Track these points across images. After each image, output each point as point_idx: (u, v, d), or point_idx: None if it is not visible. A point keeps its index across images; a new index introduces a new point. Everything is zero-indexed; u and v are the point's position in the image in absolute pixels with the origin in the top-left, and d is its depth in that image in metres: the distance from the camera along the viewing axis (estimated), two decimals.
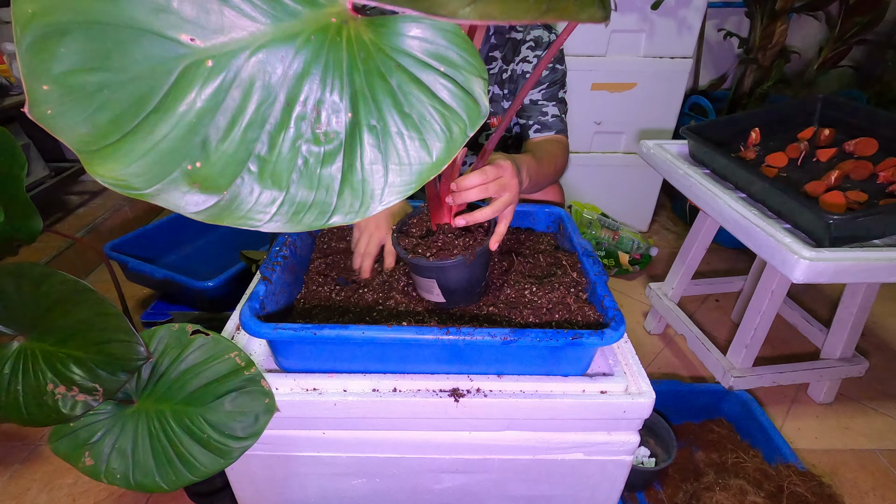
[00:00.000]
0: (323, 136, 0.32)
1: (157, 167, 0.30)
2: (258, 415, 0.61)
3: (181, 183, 0.30)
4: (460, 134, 0.34)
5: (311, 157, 0.32)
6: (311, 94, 0.32)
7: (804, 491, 0.92)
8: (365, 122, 0.33)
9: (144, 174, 0.29)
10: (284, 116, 0.32)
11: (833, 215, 0.82)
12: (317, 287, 0.74)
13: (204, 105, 0.30)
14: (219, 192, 0.31)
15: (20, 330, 0.65)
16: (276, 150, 0.32)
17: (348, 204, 0.33)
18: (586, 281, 0.72)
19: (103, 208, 1.96)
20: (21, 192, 0.79)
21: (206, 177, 0.30)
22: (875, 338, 1.52)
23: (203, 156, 0.30)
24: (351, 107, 0.33)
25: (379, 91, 0.33)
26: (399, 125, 0.33)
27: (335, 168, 0.33)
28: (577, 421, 0.65)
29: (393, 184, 0.33)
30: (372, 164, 0.33)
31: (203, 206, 0.31)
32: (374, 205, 0.33)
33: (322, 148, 0.32)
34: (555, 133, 1.01)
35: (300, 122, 0.32)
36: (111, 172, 0.29)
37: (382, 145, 0.33)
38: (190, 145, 0.30)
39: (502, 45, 1.02)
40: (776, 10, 1.87)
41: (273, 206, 0.32)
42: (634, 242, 1.74)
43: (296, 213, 0.32)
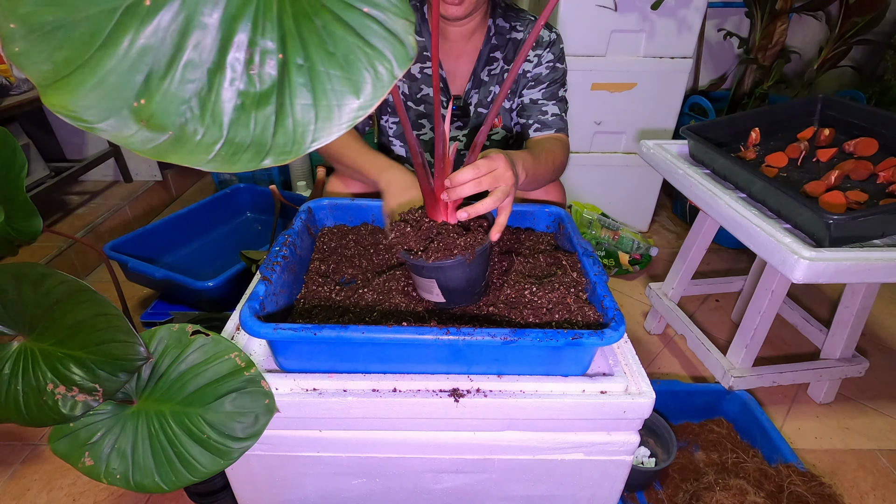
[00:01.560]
0: (257, 77, 0.34)
1: (105, 101, 0.32)
2: (258, 415, 0.61)
3: (129, 120, 0.32)
4: (387, 74, 0.35)
5: (248, 98, 0.34)
6: (244, 35, 0.33)
7: (804, 491, 0.92)
8: (293, 62, 0.34)
9: (94, 107, 0.31)
10: (220, 58, 0.33)
11: (833, 215, 0.82)
12: (317, 287, 0.74)
13: (144, 43, 0.32)
14: (164, 131, 0.33)
15: (20, 330, 0.65)
16: (214, 91, 0.33)
17: (281, 144, 0.34)
18: (586, 281, 0.72)
19: (103, 208, 1.96)
20: (21, 192, 0.79)
21: (151, 114, 0.32)
22: (875, 338, 1.52)
23: (146, 93, 0.32)
24: (281, 47, 0.34)
25: (305, 31, 0.34)
26: (325, 64, 0.34)
27: (269, 109, 0.34)
28: (577, 421, 0.65)
29: (323, 124, 0.34)
30: (302, 104, 0.34)
31: (150, 144, 0.33)
32: (305, 145, 0.34)
33: (257, 89, 0.34)
34: (555, 132, 1.01)
35: (235, 63, 0.34)
36: (63, 103, 0.31)
37: (311, 85, 0.34)
38: (133, 81, 0.32)
39: (503, 45, 1.02)
40: (776, 10, 1.87)
41: (215, 146, 0.33)
42: (634, 242, 1.74)
43: (234, 153, 0.34)
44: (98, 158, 2.00)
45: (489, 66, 1.03)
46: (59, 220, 1.89)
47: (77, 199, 2.04)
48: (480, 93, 1.04)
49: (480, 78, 1.03)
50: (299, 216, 0.85)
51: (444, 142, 0.63)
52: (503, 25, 1.02)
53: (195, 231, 1.68)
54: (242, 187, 1.85)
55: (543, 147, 0.93)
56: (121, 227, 1.93)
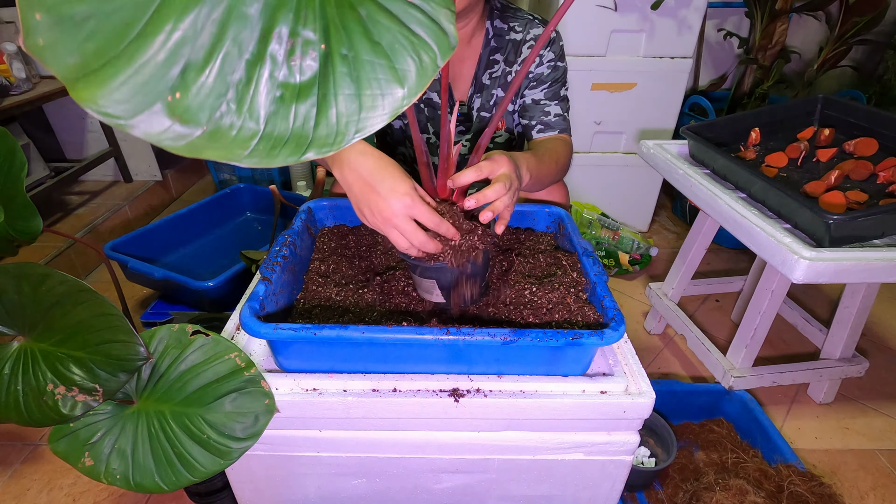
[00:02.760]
0: (298, 69, 0.33)
1: (138, 96, 0.30)
2: (258, 415, 0.61)
3: (162, 115, 0.31)
4: (431, 63, 0.35)
5: (288, 90, 0.33)
6: (285, 26, 0.33)
7: (804, 491, 0.92)
8: (337, 52, 0.33)
9: (126, 102, 0.30)
10: (260, 49, 0.32)
11: (833, 215, 0.82)
12: (317, 287, 0.74)
13: (182, 34, 0.31)
14: (199, 125, 0.31)
15: (20, 330, 0.65)
16: (254, 84, 0.32)
17: (323, 137, 0.33)
18: (586, 281, 0.72)
19: (103, 208, 1.96)
20: (21, 192, 0.79)
21: (186, 108, 0.31)
22: (875, 338, 1.52)
23: (182, 86, 0.31)
24: (324, 38, 0.33)
25: (349, 21, 0.34)
26: (370, 54, 0.34)
27: (311, 101, 0.33)
28: (578, 421, 0.65)
29: (367, 114, 0.34)
30: (346, 95, 0.34)
31: (185, 140, 0.31)
32: (348, 136, 0.34)
33: (298, 79, 0.33)
34: (558, 132, 1.01)
35: (275, 54, 0.33)
36: (94, 99, 0.30)
37: (355, 74, 0.34)
38: (169, 75, 0.31)
39: (503, 47, 1.02)
40: (776, 10, 1.87)
41: (252, 141, 0.32)
42: (634, 242, 1.74)
43: (273, 146, 0.33)
44: (98, 158, 2.00)
45: (490, 70, 1.03)
46: (59, 220, 1.89)
47: (77, 199, 2.04)
48: (483, 97, 1.04)
49: (482, 82, 1.03)
50: (299, 216, 0.85)
51: (450, 142, 0.63)
52: (501, 27, 1.02)
53: (195, 231, 1.68)
54: (242, 187, 1.85)
55: (547, 148, 0.93)
56: (121, 227, 1.93)
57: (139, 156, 2.16)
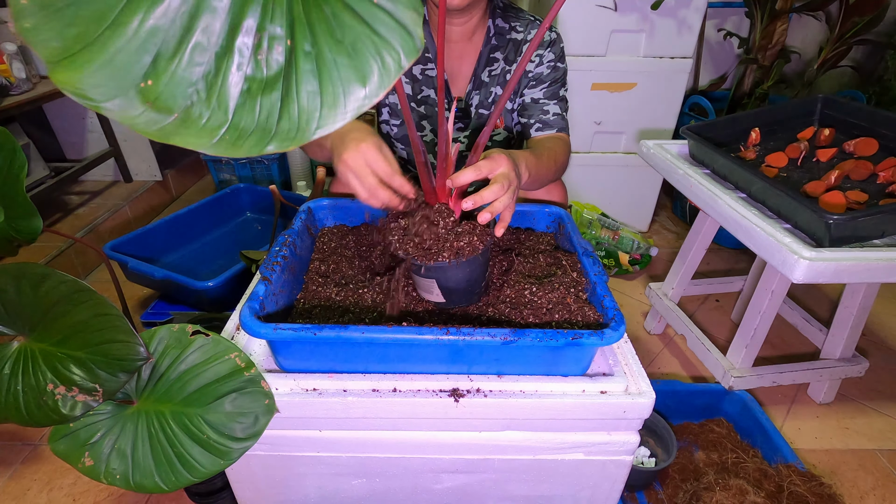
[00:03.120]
0: (265, 62, 0.34)
1: (113, 80, 0.32)
2: (258, 416, 0.61)
3: (136, 101, 0.32)
4: (394, 65, 0.35)
5: (254, 83, 0.34)
6: (252, 20, 0.33)
7: (804, 491, 0.92)
8: (301, 48, 0.34)
9: (102, 86, 0.32)
10: (229, 42, 0.33)
11: (833, 215, 0.82)
12: (317, 287, 0.74)
13: (154, 24, 0.32)
14: (170, 112, 0.33)
15: (20, 330, 0.65)
16: (221, 75, 0.33)
17: (285, 130, 0.34)
18: (586, 281, 0.72)
19: (103, 208, 1.96)
20: (21, 192, 0.79)
21: (158, 95, 0.32)
22: (875, 338, 1.52)
23: (154, 74, 0.32)
24: (289, 33, 0.34)
25: (314, 18, 0.34)
26: (333, 52, 0.34)
27: (275, 95, 0.34)
28: (578, 421, 0.65)
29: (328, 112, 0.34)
30: (308, 92, 0.34)
31: (155, 126, 0.33)
32: (308, 132, 0.34)
33: (264, 74, 0.34)
34: (556, 131, 1.01)
35: (243, 48, 0.34)
36: (71, 81, 0.31)
37: (317, 72, 0.34)
38: (141, 62, 0.32)
39: (503, 45, 1.02)
40: (776, 10, 1.87)
41: (220, 130, 0.33)
42: (634, 242, 1.74)
43: (238, 137, 0.34)
44: (98, 158, 2.00)
45: (489, 67, 1.03)
46: (59, 220, 1.89)
47: (77, 199, 2.04)
48: (481, 94, 1.04)
49: (481, 79, 1.03)
50: (299, 216, 0.85)
51: (448, 141, 0.63)
52: (503, 26, 1.02)
53: (195, 231, 1.68)
54: (242, 187, 1.85)
55: (545, 146, 0.93)
56: (121, 227, 1.93)
57: (139, 156, 2.16)
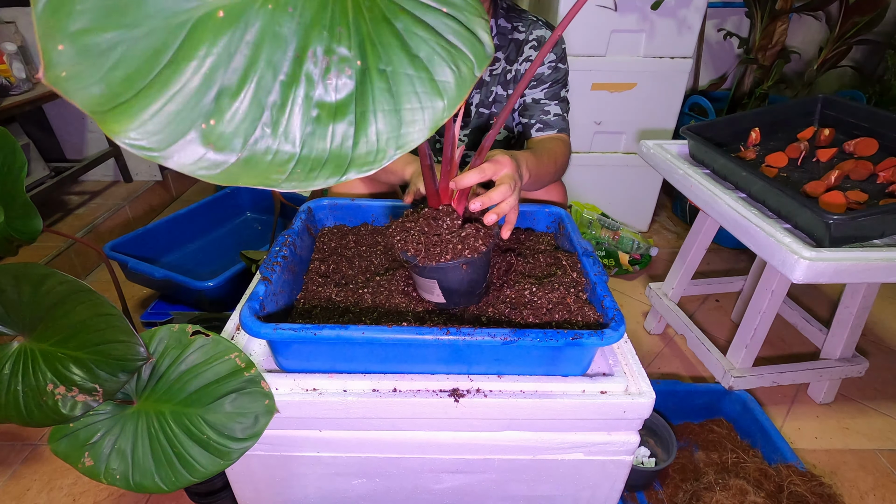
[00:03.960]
0: (334, 87, 0.32)
1: (172, 125, 0.29)
2: (258, 416, 0.61)
3: (197, 143, 0.30)
4: (469, 73, 0.34)
5: (324, 109, 0.32)
6: (320, 44, 0.32)
7: (804, 491, 0.92)
8: (374, 67, 0.33)
9: (159, 133, 0.29)
10: (295, 69, 0.31)
11: (833, 215, 0.82)
12: (317, 287, 0.74)
13: (216, 59, 0.29)
14: (234, 151, 0.30)
15: (20, 330, 0.65)
16: (289, 105, 0.31)
17: (363, 155, 0.33)
18: (586, 281, 0.72)
19: (103, 208, 1.96)
20: (21, 192, 0.79)
21: (220, 135, 0.30)
22: (875, 338, 1.52)
23: (217, 113, 0.30)
24: (360, 54, 0.32)
25: (385, 35, 0.33)
26: (408, 68, 0.33)
27: (349, 119, 0.32)
28: (577, 421, 0.65)
29: (408, 129, 0.33)
30: (385, 111, 0.33)
31: (219, 169, 0.30)
32: (389, 152, 0.33)
33: (334, 98, 0.32)
34: (557, 132, 1.01)
35: (311, 74, 0.32)
36: (126, 131, 0.29)
37: (394, 89, 0.33)
38: (203, 101, 0.30)
39: (505, 45, 1.02)
40: (776, 10, 1.87)
41: (290, 164, 0.31)
42: (634, 242, 1.74)
43: (311, 169, 0.32)
44: (98, 158, 2.00)
45: (491, 66, 1.03)
46: (59, 220, 1.89)
47: (77, 199, 2.04)
48: (482, 93, 1.04)
49: (482, 78, 1.03)
50: (299, 216, 0.85)
51: (454, 144, 0.63)
52: (505, 26, 1.02)
53: (195, 231, 1.68)
54: (242, 187, 1.85)
55: (545, 147, 0.93)
56: (121, 227, 1.93)
57: (139, 156, 2.16)
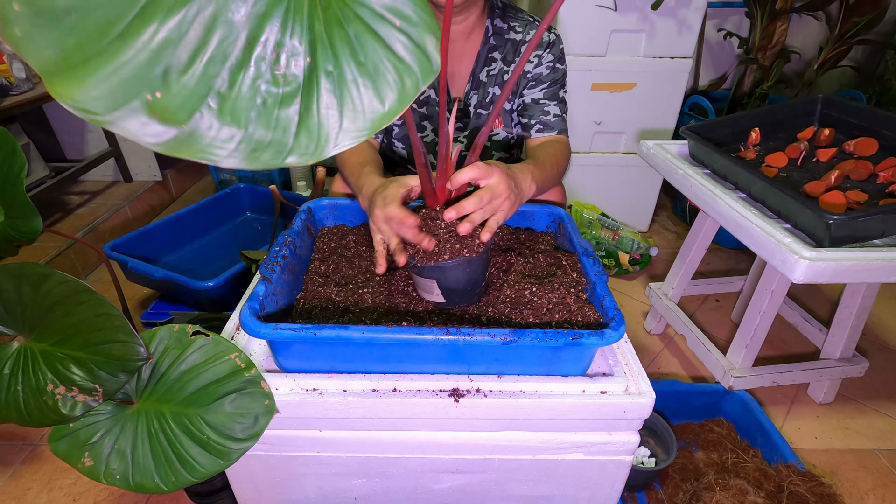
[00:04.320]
0: (282, 77, 0.34)
1: (117, 93, 0.30)
2: (258, 416, 0.61)
3: (141, 112, 0.31)
4: (412, 87, 0.35)
5: (270, 97, 0.33)
6: (271, 35, 0.33)
7: (804, 491, 0.92)
8: (322, 67, 0.34)
9: (104, 99, 0.30)
10: (245, 55, 0.33)
11: (833, 215, 0.82)
12: (317, 287, 0.74)
13: (167, 36, 0.31)
14: (178, 124, 0.32)
15: (20, 330, 0.65)
16: (236, 88, 0.33)
17: (304, 145, 0.34)
18: (586, 281, 0.72)
19: (103, 208, 1.96)
20: (21, 192, 0.79)
21: (165, 107, 0.31)
22: (875, 338, 1.52)
23: (164, 86, 0.31)
24: (310, 52, 0.34)
25: (337, 39, 0.34)
26: (355, 73, 0.35)
27: (292, 110, 0.34)
28: (578, 421, 0.65)
29: (347, 129, 0.35)
30: (328, 109, 0.34)
31: (162, 138, 0.31)
32: (328, 148, 0.34)
33: (280, 89, 0.34)
34: (556, 133, 1.01)
35: (260, 62, 0.33)
36: (71, 94, 0.30)
37: (338, 91, 0.34)
38: (151, 74, 0.31)
39: (502, 45, 1.02)
40: (776, 10, 1.87)
41: (231, 143, 0.33)
42: (634, 242, 1.74)
43: (253, 150, 0.33)
44: (98, 158, 2.00)
45: (488, 67, 1.03)
46: (59, 220, 1.89)
47: (77, 199, 2.04)
48: (480, 94, 1.04)
49: (479, 79, 1.03)
50: (299, 216, 0.85)
51: (448, 142, 0.63)
52: (501, 26, 1.02)
53: (195, 231, 1.68)
54: (242, 187, 1.85)
55: (547, 153, 0.93)
56: (121, 227, 1.93)
57: (139, 156, 2.16)
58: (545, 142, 1.00)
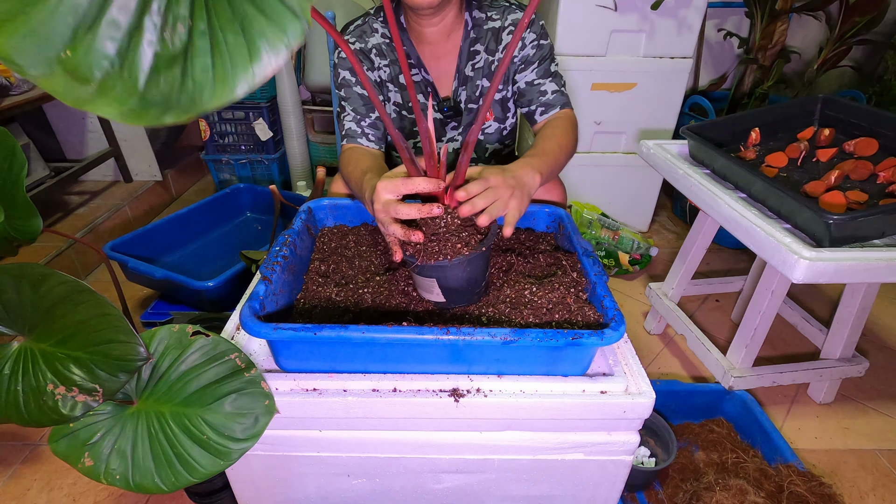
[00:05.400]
0: (170, 40, 0.38)
1: (36, 49, 0.35)
2: (258, 416, 0.61)
3: (59, 71, 0.36)
4: (281, 44, 0.39)
5: (161, 59, 0.38)
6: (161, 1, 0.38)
7: (804, 491, 0.92)
8: (197, 28, 0.38)
9: (27, 53, 0.35)
10: (139, 20, 0.37)
11: (833, 215, 0.82)
12: (317, 287, 0.74)
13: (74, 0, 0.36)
14: (87, 82, 0.36)
15: (20, 330, 0.65)
16: (132, 50, 0.37)
17: (183, 103, 0.38)
18: (586, 281, 0.72)
19: (103, 208, 1.96)
20: (21, 192, 0.79)
21: (76, 65, 0.36)
22: (875, 338, 1.52)
23: (73, 46, 0.36)
24: (190, 14, 0.39)
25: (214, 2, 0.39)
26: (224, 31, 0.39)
27: (178, 70, 0.38)
28: (577, 421, 0.65)
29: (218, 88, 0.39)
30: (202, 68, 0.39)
31: (73, 93, 0.36)
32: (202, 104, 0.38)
33: (169, 51, 0.38)
34: (560, 108, 1.00)
35: (151, 26, 0.38)
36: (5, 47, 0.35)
37: (210, 51, 0.38)
38: (62, 33, 0.36)
39: (482, 37, 1.01)
40: (776, 10, 1.87)
41: (131, 101, 0.37)
42: (634, 242, 1.74)
43: (144, 108, 0.37)
44: (98, 158, 2.00)
45: (472, 61, 1.02)
46: (59, 220, 1.89)
47: (77, 199, 2.04)
48: (468, 89, 1.04)
49: (465, 74, 1.03)
50: (299, 216, 0.85)
51: (431, 139, 0.64)
52: (479, 16, 1.01)
53: (195, 231, 1.68)
54: (242, 187, 1.85)
55: (546, 135, 0.92)
56: (121, 227, 1.93)
57: (139, 156, 2.16)
58: (547, 123, 0.99)
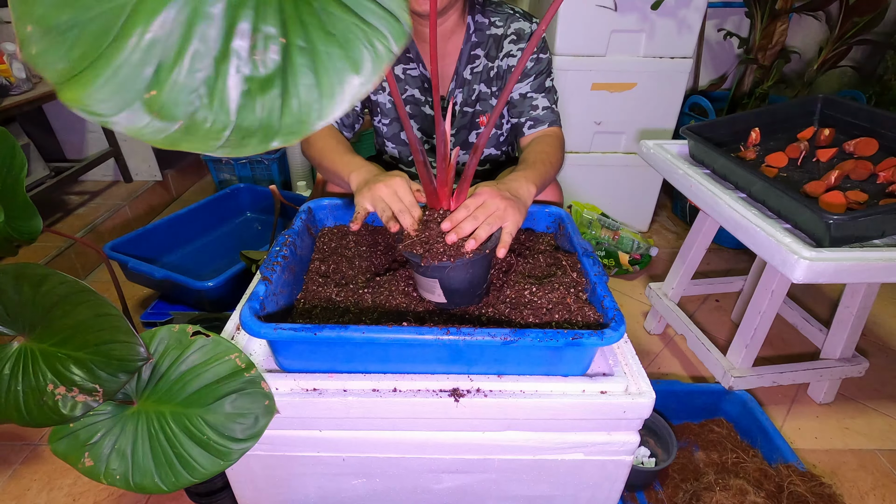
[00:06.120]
0: (261, 62, 0.36)
1: (118, 94, 0.34)
2: (258, 416, 0.61)
3: (141, 111, 0.34)
4: (385, 51, 0.37)
5: (253, 83, 0.36)
6: (246, 23, 0.36)
7: (804, 491, 0.92)
8: (295, 45, 0.36)
9: (108, 100, 0.34)
10: (225, 46, 0.35)
11: (833, 215, 0.82)
12: (317, 287, 0.74)
13: (153, 36, 0.34)
14: (175, 120, 0.35)
15: (20, 330, 0.65)
16: (221, 79, 0.35)
17: (288, 125, 0.36)
18: (586, 281, 0.72)
19: (103, 208, 1.96)
20: (21, 192, 0.79)
21: (162, 104, 0.34)
22: (875, 338, 1.52)
23: (157, 84, 0.34)
24: (283, 32, 0.36)
25: (305, 14, 0.37)
26: (325, 44, 0.37)
27: (275, 92, 0.36)
28: (578, 421, 0.65)
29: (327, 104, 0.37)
30: (306, 85, 0.36)
31: (162, 134, 0.35)
32: (311, 123, 0.36)
33: (262, 74, 0.36)
34: (548, 125, 1.00)
35: (239, 50, 0.36)
36: (78, 98, 0.33)
37: (313, 66, 0.36)
38: (144, 73, 0.34)
39: (484, 42, 1.01)
40: (776, 10, 1.87)
41: (225, 133, 0.35)
42: (634, 242, 1.74)
43: (243, 137, 0.36)
44: (98, 158, 2.00)
45: (471, 65, 1.02)
46: (59, 220, 1.89)
47: (77, 199, 2.04)
48: (465, 92, 1.04)
49: (463, 77, 1.03)
50: (299, 216, 0.85)
51: (446, 142, 0.63)
52: (482, 21, 1.01)
53: (195, 231, 1.68)
54: (242, 187, 1.85)
55: (536, 151, 0.92)
56: (121, 227, 1.93)
57: (139, 156, 2.16)
58: (535, 138, 0.99)
